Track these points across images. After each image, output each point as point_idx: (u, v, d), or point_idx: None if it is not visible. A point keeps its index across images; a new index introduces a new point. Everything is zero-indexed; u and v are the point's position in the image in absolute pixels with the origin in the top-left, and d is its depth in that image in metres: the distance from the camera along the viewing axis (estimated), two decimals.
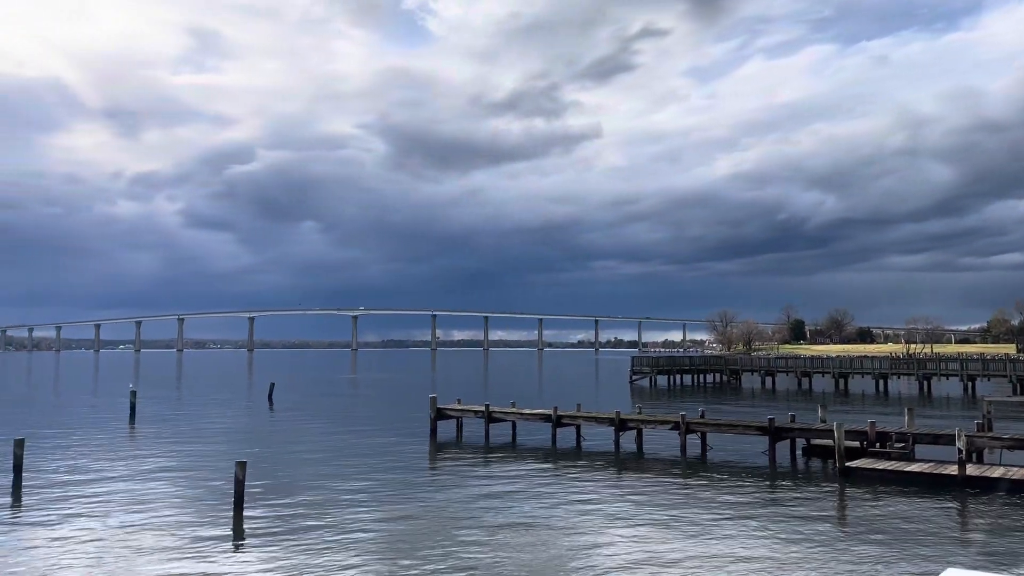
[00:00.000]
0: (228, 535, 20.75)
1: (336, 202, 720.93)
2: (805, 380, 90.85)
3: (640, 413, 39.48)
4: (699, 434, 35.70)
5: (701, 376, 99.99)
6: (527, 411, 41.43)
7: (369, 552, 19.06)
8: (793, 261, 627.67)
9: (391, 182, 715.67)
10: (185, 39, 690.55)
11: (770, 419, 34.01)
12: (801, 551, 18.98)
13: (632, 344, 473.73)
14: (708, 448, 35.53)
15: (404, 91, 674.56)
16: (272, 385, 74.39)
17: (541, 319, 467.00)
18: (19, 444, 28.80)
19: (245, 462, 23.24)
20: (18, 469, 28.24)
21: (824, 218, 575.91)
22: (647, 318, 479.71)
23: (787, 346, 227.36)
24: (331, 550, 19.17)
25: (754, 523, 21.92)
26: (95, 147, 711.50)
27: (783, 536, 20.44)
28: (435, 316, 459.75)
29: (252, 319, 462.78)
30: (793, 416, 35.70)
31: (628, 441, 37.39)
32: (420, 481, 28.96)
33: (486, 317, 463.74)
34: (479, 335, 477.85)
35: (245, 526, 21.59)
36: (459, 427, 42.51)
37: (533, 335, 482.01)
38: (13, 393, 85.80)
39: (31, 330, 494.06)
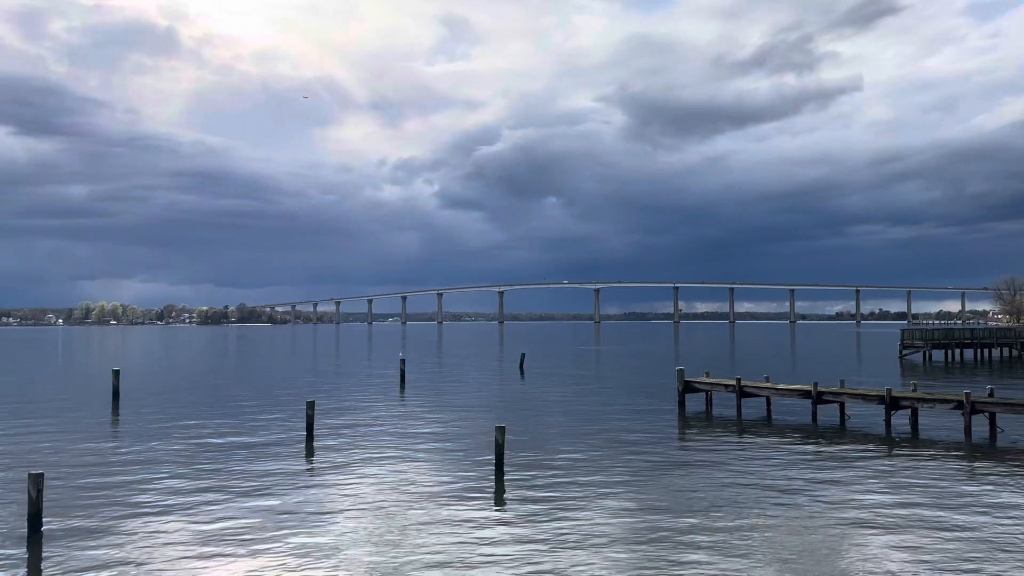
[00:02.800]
0: (490, 497, 21.90)
1: (576, 177, 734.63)
2: None
3: (915, 391, 35.84)
4: (987, 415, 31.70)
5: (985, 351, 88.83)
6: (783, 386, 39.29)
7: (621, 522, 19.14)
8: None
9: (629, 154, 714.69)
10: (438, 29, 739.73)
11: None
12: None
13: (899, 316, 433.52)
14: (998, 431, 31.46)
15: (644, 59, 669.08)
16: (523, 355, 77.61)
17: (792, 290, 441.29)
18: (310, 406, 32.58)
19: (504, 427, 24.37)
20: (309, 428, 31.96)
21: None
22: (918, 287, 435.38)
23: None
24: (586, 516, 19.52)
25: None
26: (363, 138, 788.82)
27: None
28: (677, 288, 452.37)
29: (502, 293, 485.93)
30: None
31: (900, 421, 34.17)
32: (670, 454, 28.61)
33: (731, 288, 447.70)
34: (724, 307, 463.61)
35: (505, 489, 22.68)
36: (708, 401, 41.38)
37: (784, 307, 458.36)
38: (302, 361, 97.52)
39: (315, 305, 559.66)
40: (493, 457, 24.59)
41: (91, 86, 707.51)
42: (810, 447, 29.88)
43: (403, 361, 61.30)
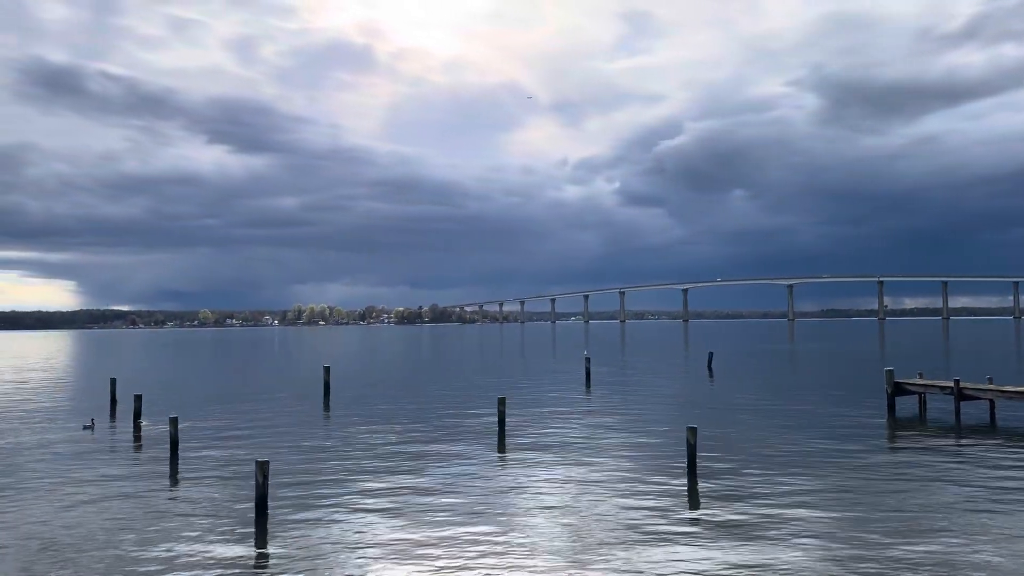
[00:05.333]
0: (683, 499, 21.40)
1: (765, 167, 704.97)
2: None
3: None
4: None
5: None
6: (1009, 388, 35.31)
7: (824, 532, 18.01)
8: None
9: (824, 139, 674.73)
10: (620, 26, 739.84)
11: None
12: None
13: None
14: None
15: (840, 37, 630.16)
16: (711, 354, 75.37)
17: (1016, 282, 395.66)
18: (501, 402, 33.51)
19: (695, 428, 23.72)
20: (501, 423, 32.86)
21: None
22: None
23: None
24: (787, 525, 18.57)
25: None
26: (545, 139, 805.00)
27: None
28: (881, 282, 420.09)
29: (685, 291, 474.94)
30: None
31: None
32: (878, 460, 26.52)
33: (944, 282, 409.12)
34: (936, 302, 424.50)
35: (699, 492, 22.06)
36: (921, 403, 38.10)
37: (1007, 301, 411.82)
38: (491, 358, 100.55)
39: (501, 304, 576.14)
40: (683, 458, 24.04)
41: (298, 104, 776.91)
42: None
43: (588, 359, 61.46)
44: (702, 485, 22.66)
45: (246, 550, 17.30)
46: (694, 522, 19.02)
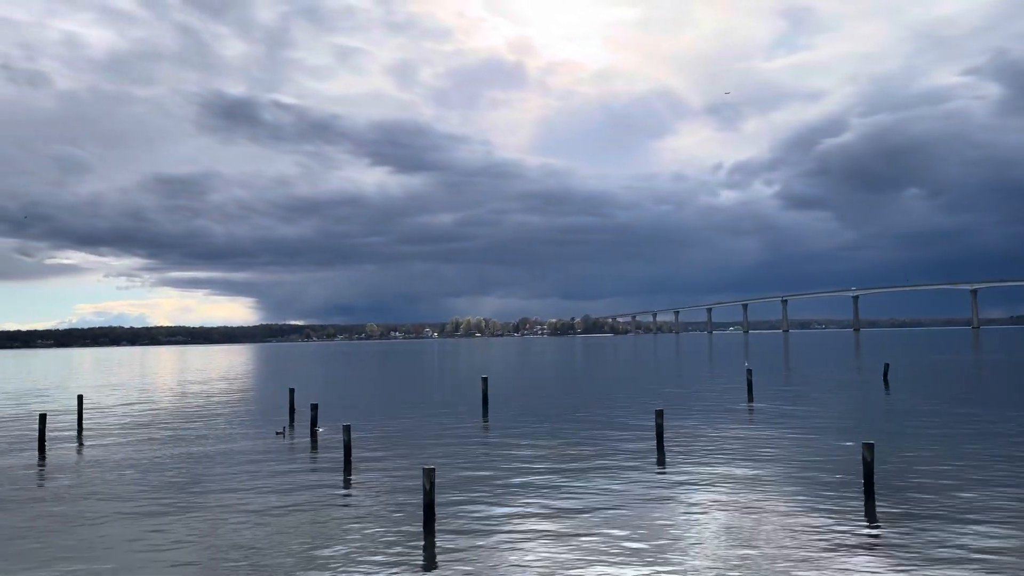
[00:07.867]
0: (860, 521, 20.10)
1: (942, 163, 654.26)
2: None
3: None
4: None
5: None
6: None
7: (1012, 561, 16.35)
8: None
9: (1009, 131, 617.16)
10: (778, 23, 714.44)
11: None
12: None
13: None
14: None
15: None
16: (886, 366, 70.53)
17: None
18: (659, 414, 32.95)
19: (872, 444, 22.29)
20: (659, 435, 32.31)
21: None
22: None
23: None
24: (971, 553, 17.01)
25: None
26: (698, 144, 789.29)
27: None
28: None
29: (856, 298, 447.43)
30: None
31: None
32: None
33: None
34: None
35: (877, 514, 20.68)
36: None
37: None
38: (646, 370, 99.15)
39: (655, 315, 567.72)
40: (858, 476, 22.62)
41: (453, 124, 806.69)
42: None
43: (749, 371, 59.17)
44: (880, 507, 21.20)
45: (415, 553, 18.00)
46: (872, 547, 17.81)
